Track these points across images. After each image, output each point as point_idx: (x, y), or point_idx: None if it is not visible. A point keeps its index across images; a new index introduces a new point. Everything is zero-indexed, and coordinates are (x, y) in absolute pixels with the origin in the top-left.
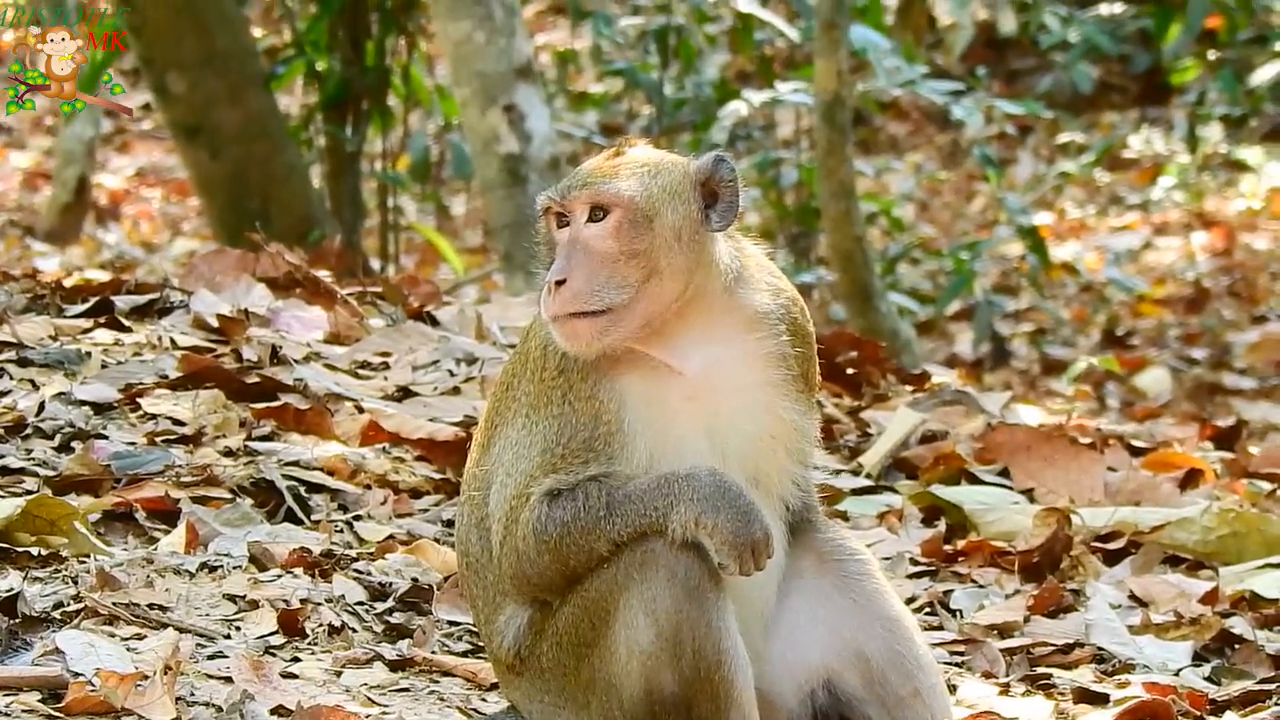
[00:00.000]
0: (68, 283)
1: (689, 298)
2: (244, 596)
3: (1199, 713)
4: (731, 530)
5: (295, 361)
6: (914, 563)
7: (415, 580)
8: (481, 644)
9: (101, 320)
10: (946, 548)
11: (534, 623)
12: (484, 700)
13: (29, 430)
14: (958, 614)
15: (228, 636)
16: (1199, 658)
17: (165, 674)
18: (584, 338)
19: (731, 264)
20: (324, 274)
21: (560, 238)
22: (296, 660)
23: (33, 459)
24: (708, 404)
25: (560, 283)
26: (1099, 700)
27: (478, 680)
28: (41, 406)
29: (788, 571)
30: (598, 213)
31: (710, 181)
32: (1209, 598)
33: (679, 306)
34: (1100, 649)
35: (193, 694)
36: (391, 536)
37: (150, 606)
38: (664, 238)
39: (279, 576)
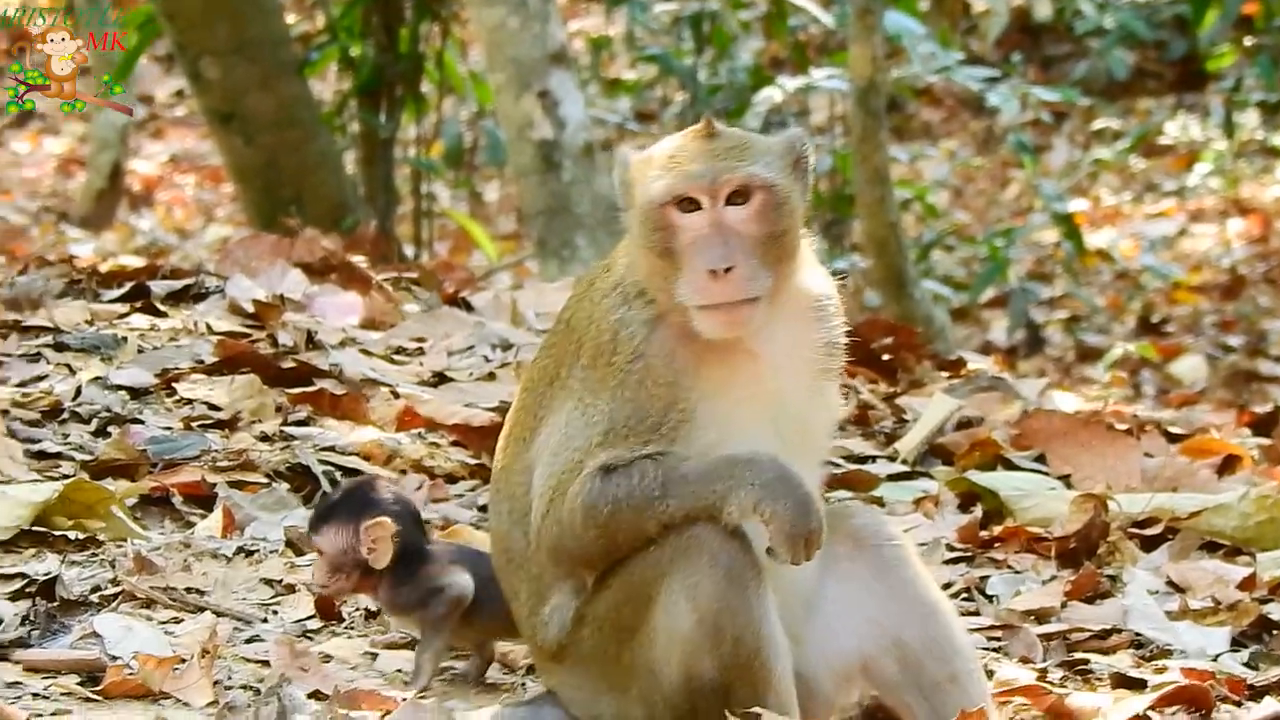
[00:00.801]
0: (103, 268)
1: None
2: (280, 580)
3: (1238, 698)
4: (791, 519)
5: (331, 347)
6: (950, 548)
7: None
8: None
9: (138, 305)
10: (983, 533)
11: (578, 612)
12: (523, 684)
13: (66, 415)
14: (994, 599)
15: (265, 620)
16: (1237, 643)
17: (203, 657)
18: (740, 324)
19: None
20: (359, 259)
21: (691, 222)
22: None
23: (70, 443)
24: (774, 390)
25: (728, 269)
26: (1137, 686)
27: (507, 662)
28: (78, 391)
29: (824, 557)
30: (738, 197)
31: (799, 158)
32: (1247, 583)
33: None
34: (1138, 635)
35: (230, 677)
36: (427, 521)
37: (187, 590)
38: (796, 217)
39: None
